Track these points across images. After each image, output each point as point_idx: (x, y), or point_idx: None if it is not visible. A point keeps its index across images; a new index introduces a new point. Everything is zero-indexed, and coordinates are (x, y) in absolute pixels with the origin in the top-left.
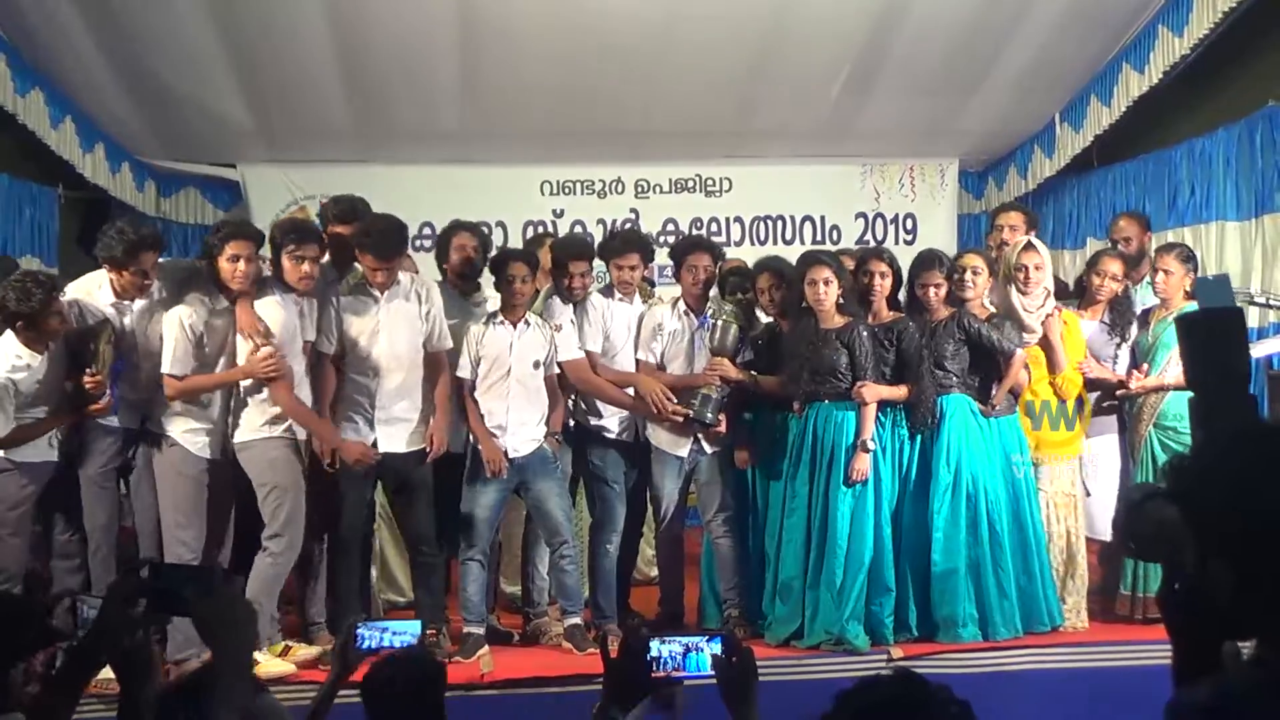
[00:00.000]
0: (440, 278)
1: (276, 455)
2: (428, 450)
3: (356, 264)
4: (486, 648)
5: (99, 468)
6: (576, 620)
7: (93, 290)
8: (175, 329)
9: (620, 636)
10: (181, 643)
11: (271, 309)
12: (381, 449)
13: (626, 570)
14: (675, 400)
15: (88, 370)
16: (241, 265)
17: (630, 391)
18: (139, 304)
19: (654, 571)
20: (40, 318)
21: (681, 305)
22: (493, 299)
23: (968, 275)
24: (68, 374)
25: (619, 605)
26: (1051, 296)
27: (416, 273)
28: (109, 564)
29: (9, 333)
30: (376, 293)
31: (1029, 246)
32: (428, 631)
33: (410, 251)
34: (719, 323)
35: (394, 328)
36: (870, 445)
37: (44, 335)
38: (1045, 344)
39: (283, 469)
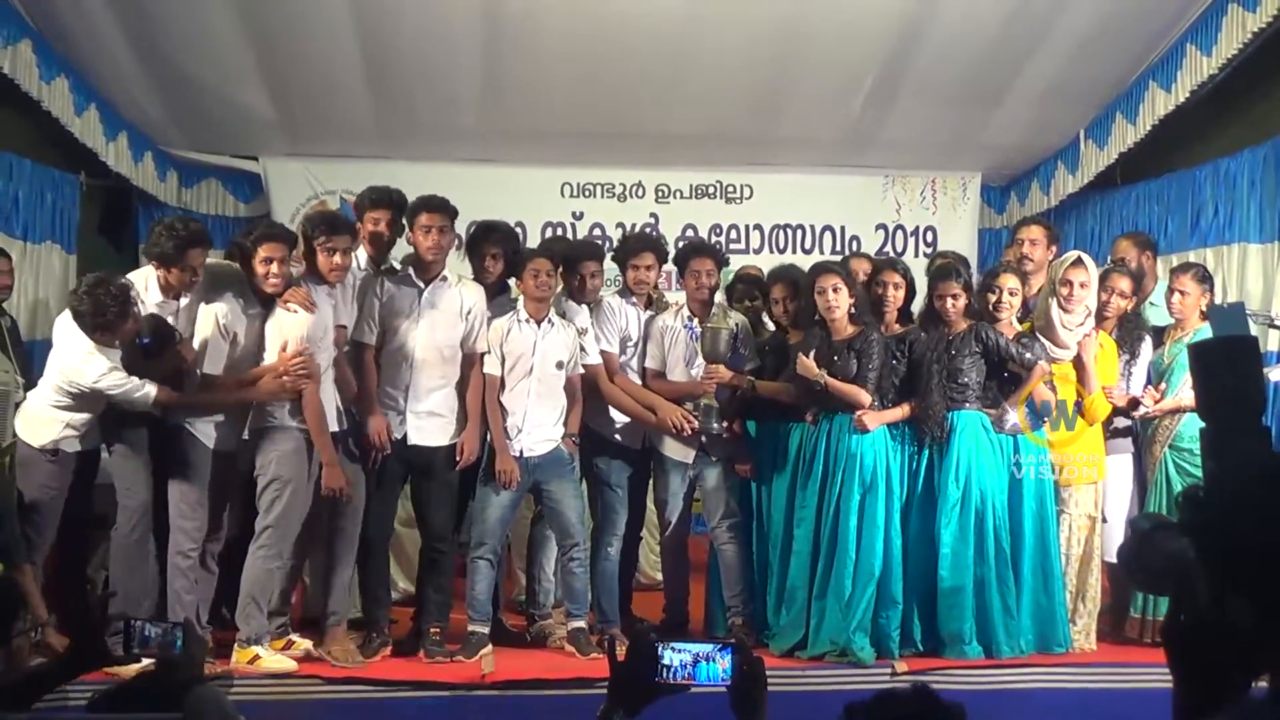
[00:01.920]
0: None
1: (285, 448)
2: (457, 458)
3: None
4: (489, 647)
5: (136, 453)
6: (581, 623)
7: (139, 289)
8: (211, 327)
9: (626, 641)
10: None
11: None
12: (411, 441)
13: (627, 574)
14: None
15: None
16: (275, 267)
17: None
18: (184, 301)
19: (659, 575)
20: (115, 324)
21: (685, 311)
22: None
23: (1004, 296)
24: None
25: (621, 609)
26: (1092, 316)
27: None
28: (143, 548)
29: (79, 331)
30: (420, 283)
31: (1077, 262)
32: (431, 630)
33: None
34: (708, 330)
35: (434, 320)
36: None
37: (117, 338)
38: (1078, 363)
39: (287, 462)
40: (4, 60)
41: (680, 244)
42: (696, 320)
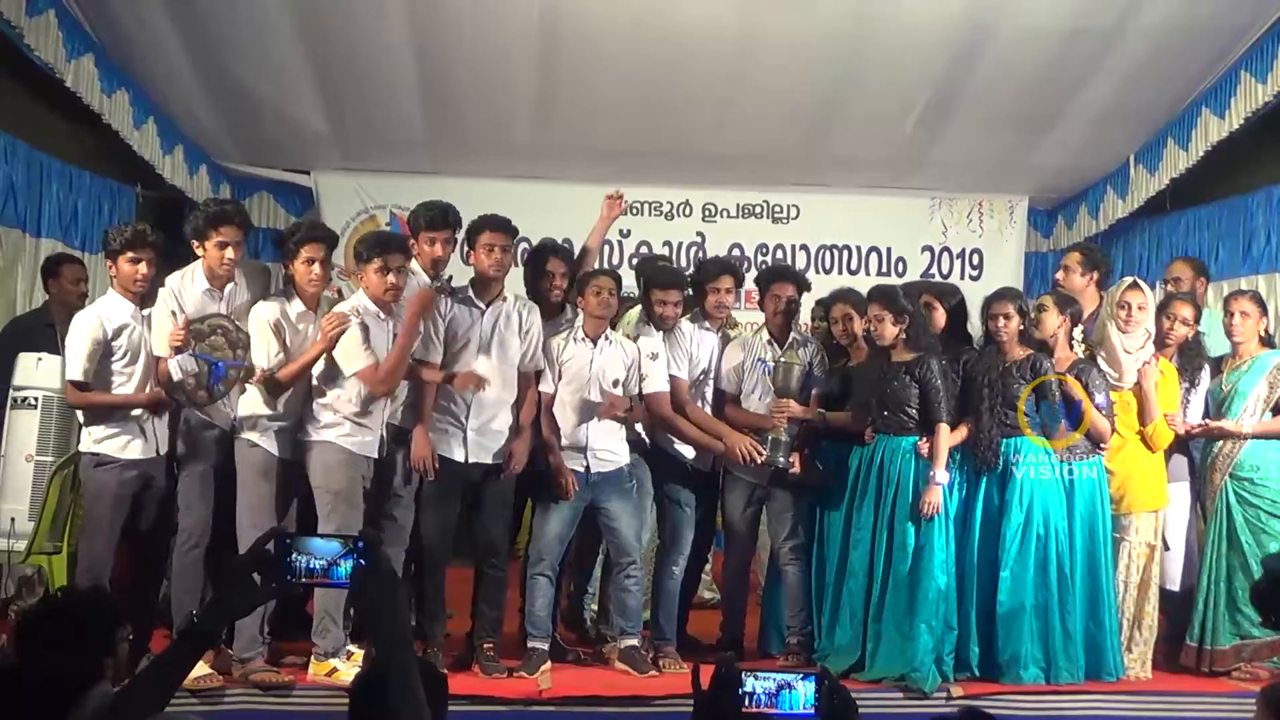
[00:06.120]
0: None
1: (332, 460)
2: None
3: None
4: (549, 664)
5: (202, 465)
6: (634, 641)
7: (185, 279)
8: (261, 325)
9: (708, 666)
10: (247, 642)
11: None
12: (471, 460)
13: (688, 595)
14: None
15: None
16: (316, 268)
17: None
18: (229, 290)
19: (707, 594)
20: (121, 251)
21: (764, 335)
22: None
23: (1032, 313)
24: None
25: (678, 629)
26: (1152, 340)
27: None
28: (199, 564)
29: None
30: (481, 304)
31: (1134, 285)
32: (485, 645)
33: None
34: (780, 364)
35: (495, 339)
36: (942, 478)
37: (125, 277)
38: (1138, 390)
39: (337, 474)
40: (68, 74)
41: (762, 267)
42: (770, 349)
